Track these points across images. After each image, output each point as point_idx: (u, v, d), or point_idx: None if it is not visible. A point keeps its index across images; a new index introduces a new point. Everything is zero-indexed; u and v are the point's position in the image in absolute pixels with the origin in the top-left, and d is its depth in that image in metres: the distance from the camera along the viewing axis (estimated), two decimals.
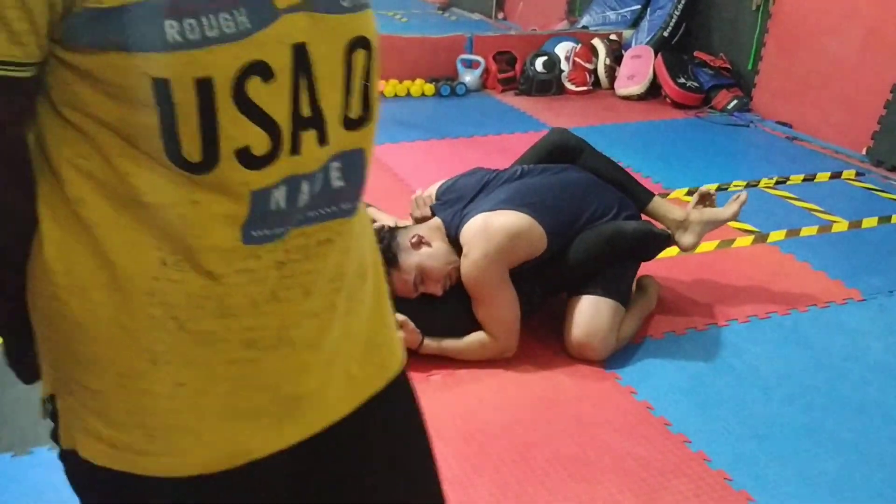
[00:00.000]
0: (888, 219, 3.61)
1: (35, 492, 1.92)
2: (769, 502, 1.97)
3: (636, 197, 2.81)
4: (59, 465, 0.89)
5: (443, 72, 5.43)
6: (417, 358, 2.48)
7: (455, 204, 2.60)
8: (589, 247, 2.53)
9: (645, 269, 3.00)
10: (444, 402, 2.31)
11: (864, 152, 4.33)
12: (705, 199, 2.85)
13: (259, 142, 0.81)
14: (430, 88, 5.29)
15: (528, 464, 2.08)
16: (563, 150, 2.83)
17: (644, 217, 2.79)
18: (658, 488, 2.00)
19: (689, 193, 3.81)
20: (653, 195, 2.86)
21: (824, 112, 4.61)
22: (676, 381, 2.42)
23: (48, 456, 2.02)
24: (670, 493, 1.99)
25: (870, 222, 3.58)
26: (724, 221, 2.83)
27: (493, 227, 2.38)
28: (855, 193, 3.94)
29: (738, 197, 2.78)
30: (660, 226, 2.78)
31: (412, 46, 5.39)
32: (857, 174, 4.15)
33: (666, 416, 2.26)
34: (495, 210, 2.45)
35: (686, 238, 2.79)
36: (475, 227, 2.41)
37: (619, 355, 2.53)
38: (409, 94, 5.26)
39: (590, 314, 2.48)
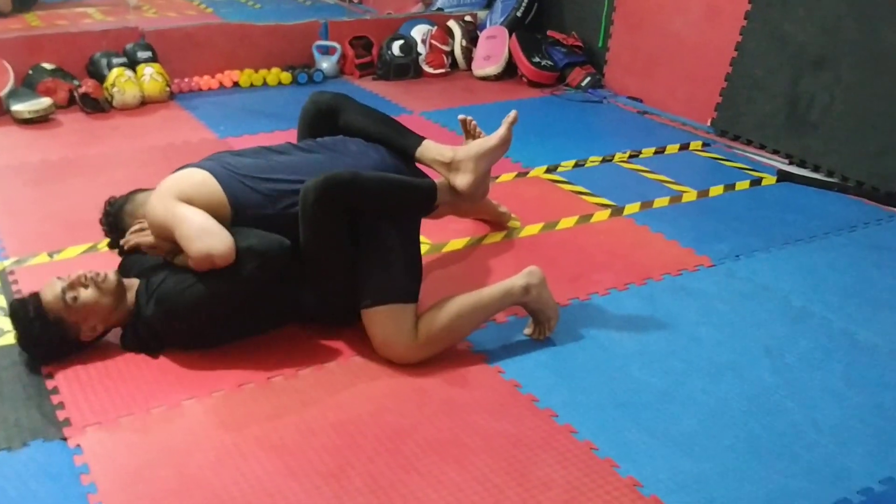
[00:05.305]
0: (732, 186, 3.81)
1: None
2: (632, 465, 2.05)
3: (403, 149, 2.63)
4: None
5: (299, 59, 5.35)
6: (290, 353, 2.46)
7: None
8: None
9: (509, 247, 3.06)
10: (315, 395, 2.29)
11: (708, 123, 4.54)
12: (468, 129, 2.72)
13: None
14: (286, 77, 5.20)
15: (401, 451, 2.09)
16: (320, 118, 2.70)
17: (421, 166, 2.66)
18: (528, 463, 2.06)
19: (548, 171, 3.91)
20: (422, 140, 2.63)
21: (671, 86, 4.81)
22: (542, 358, 2.48)
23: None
24: (540, 466, 2.04)
25: (716, 191, 3.76)
26: (497, 148, 2.57)
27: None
28: (702, 164, 4.13)
29: (507, 118, 2.56)
30: (439, 177, 2.60)
31: (266, 35, 5.27)
32: (704, 145, 4.35)
33: (533, 393, 2.32)
34: None
35: (459, 178, 2.56)
36: None
37: (486, 336, 2.57)
38: (265, 84, 5.14)
39: (378, 332, 2.40)
